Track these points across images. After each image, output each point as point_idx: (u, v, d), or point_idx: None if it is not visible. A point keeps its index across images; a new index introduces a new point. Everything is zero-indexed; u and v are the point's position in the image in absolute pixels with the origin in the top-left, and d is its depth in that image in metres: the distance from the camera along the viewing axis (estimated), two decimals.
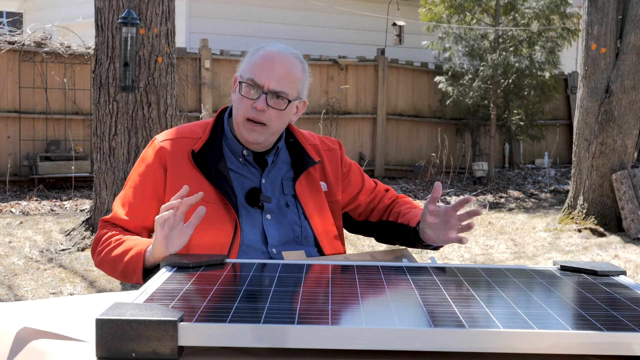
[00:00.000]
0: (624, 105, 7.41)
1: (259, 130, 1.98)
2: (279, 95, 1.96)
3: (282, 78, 1.96)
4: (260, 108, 1.95)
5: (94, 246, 2.00)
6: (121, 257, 1.89)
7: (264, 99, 1.95)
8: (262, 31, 11.16)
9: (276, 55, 1.98)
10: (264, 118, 1.96)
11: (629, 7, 7.45)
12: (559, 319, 1.25)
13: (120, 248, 1.91)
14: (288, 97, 1.97)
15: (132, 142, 5.94)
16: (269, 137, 2.01)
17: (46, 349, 1.28)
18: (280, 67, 1.97)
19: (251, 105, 1.96)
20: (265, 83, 1.95)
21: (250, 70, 1.98)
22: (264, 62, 1.97)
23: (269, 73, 1.95)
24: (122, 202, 2.02)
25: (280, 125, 2.01)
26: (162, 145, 2.02)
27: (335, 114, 10.88)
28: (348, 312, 1.28)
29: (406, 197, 2.27)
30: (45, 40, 9.32)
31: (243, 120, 1.98)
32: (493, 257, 6.48)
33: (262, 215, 2.00)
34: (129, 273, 1.87)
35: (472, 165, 11.23)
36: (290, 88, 1.98)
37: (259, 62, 1.97)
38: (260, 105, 1.95)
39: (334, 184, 2.15)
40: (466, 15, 10.74)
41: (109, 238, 1.96)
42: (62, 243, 6.29)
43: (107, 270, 1.98)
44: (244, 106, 1.97)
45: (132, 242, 1.90)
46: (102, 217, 2.04)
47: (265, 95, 1.95)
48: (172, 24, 6.04)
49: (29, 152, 9.23)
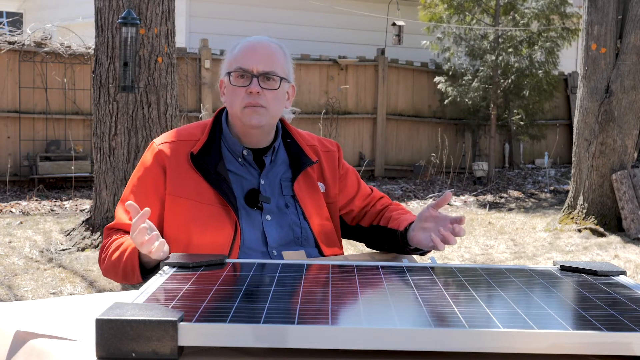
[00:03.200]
0: (624, 105, 7.41)
1: (261, 112, 1.99)
2: (269, 75, 1.99)
3: (268, 59, 2.00)
4: (255, 90, 1.97)
5: (99, 256, 2.01)
6: (119, 258, 1.89)
7: (256, 81, 1.97)
8: (262, 31, 11.15)
9: (256, 43, 2.02)
10: (262, 101, 1.98)
11: (629, 7, 7.45)
12: (559, 319, 1.25)
13: (118, 250, 1.91)
14: (278, 74, 2.00)
15: (132, 142, 5.94)
16: (269, 119, 2.02)
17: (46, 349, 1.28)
18: (263, 50, 2.01)
19: (245, 92, 1.98)
20: (254, 67, 1.98)
21: (235, 62, 2.00)
22: (247, 50, 2.01)
23: (254, 57, 1.99)
24: (124, 207, 2.01)
25: (278, 107, 2.03)
26: (160, 148, 2.02)
27: (335, 114, 10.88)
28: (348, 312, 1.28)
29: (400, 204, 2.26)
30: (45, 40, 9.32)
31: (241, 109, 1.99)
32: (493, 257, 6.48)
33: (262, 216, 2.00)
34: (128, 273, 1.87)
35: (472, 165, 11.23)
36: (277, 68, 2.01)
37: (242, 51, 2.01)
38: (255, 87, 1.97)
39: (332, 185, 2.15)
40: (466, 16, 10.74)
41: (110, 244, 1.96)
42: (62, 243, 6.29)
43: (112, 275, 1.98)
44: (239, 95, 1.99)
45: (127, 243, 1.90)
46: (106, 225, 2.04)
47: (256, 78, 1.98)
48: (172, 24, 6.04)
49: (29, 152, 9.23)
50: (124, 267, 1.88)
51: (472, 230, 7.66)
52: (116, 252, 1.91)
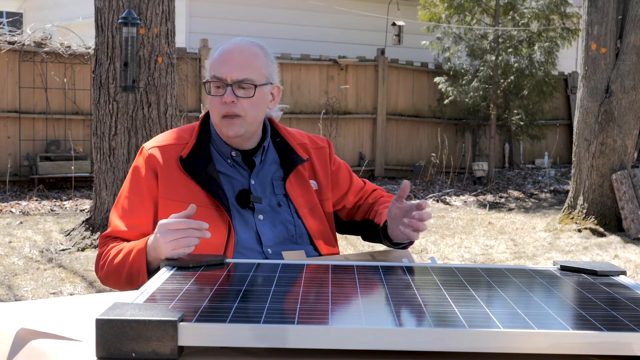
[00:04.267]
0: (624, 105, 7.41)
1: (237, 123, 1.97)
2: (243, 83, 1.96)
3: (243, 66, 1.97)
4: (229, 100, 1.95)
5: (96, 264, 1.99)
6: (123, 261, 1.88)
7: (230, 91, 1.96)
8: (262, 31, 11.16)
9: (233, 48, 2.00)
10: (237, 110, 1.96)
11: (629, 7, 7.45)
12: (559, 319, 1.25)
13: (120, 254, 1.90)
14: (254, 82, 1.97)
15: (132, 142, 5.94)
16: (248, 127, 2.00)
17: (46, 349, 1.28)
18: (239, 56, 1.98)
19: (220, 101, 1.97)
20: (227, 75, 1.96)
21: (211, 70, 1.99)
22: (222, 57, 1.98)
23: (228, 65, 1.96)
24: (119, 214, 2.00)
25: (256, 113, 2.00)
26: (150, 152, 2.02)
27: (335, 114, 10.88)
28: (348, 312, 1.28)
29: (392, 196, 2.26)
30: (45, 40, 9.32)
31: (219, 119, 1.99)
32: (493, 257, 6.48)
33: (255, 216, 2.01)
34: (134, 275, 1.85)
35: (472, 165, 11.23)
36: (254, 74, 1.98)
37: (218, 59, 1.99)
38: (228, 97, 1.95)
39: (324, 183, 2.15)
40: (466, 16, 10.74)
41: (108, 251, 1.95)
42: (62, 243, 6.29)
43: (112, 281, 1.95)
44: (216, 105, 1.98)
45: (130, 245, 1.90)
46: (102, 234, 2.02)
47: (230, 87, 1.96)
48: (172, 24, 6.04)
49: (29, 152, 9.23)
50: (129, 269, 1.86)
51: (472, 230, 7.66)
52: (118, 256, 1.90)
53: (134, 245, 1.88)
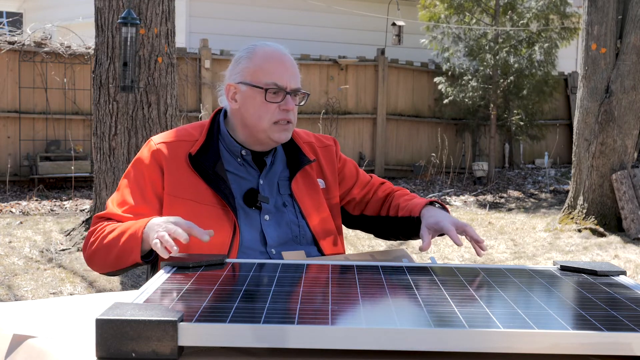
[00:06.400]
0: (624, 105, 7.41)
1: (289, 129, 2.04)
2: (299, 92, 2.03)
3: (296, 75, 2.04)
4: (291, 108, 2.00)
5: (85, 242, 1.95)
6: (118, 238, 1.84)
7: (290, 99, 2.00)
8: (262, 31, 11.16)
9: (283, 56, 2.03)
10: (292, 117, 2.02)
11: (629, 7, 7.45)
12: (559, 319, 1.25)
13: (115, 232, 1.86)
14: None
15: (132, 142, 5.94)
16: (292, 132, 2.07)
17: (46, 349, 1.28)
18: (292, 65, 2.04)
19: (276, 108, 1.99)
20: (287, 84, 2.00)
21: (266, 75, 1.99)
22: (278, 64, 2.01)
23: (286, 73, 2.01)
24: (118, 202, 1.98)
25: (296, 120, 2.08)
26: (158, 147, 2.01)
27: (335, 114, 10.88)
28: (348, 312, 1.28)
29: (402, 188, 2.28)
30: (45, 40, 9.32)
31: (270, 125, 2.00)
32: (493, 257, 6.48)
33: (261, 216, 2.00)
34: (125, 252, 1.81)
35: (472, 165, 11.23)
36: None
37: (271, 65, 2.00)
38: (291, 105, 2.00)
39: (332, 181, 2.16)
40: (466, 16, 10.74)
41: (102, 228, 1.92)
42: (62, 243, 6.29)
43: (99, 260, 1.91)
44: (269, 110, 1.99)
45: (127, 224, 1.86)
46: (95, 214, 2.00)
47: (289, 96, 2.00)
48: (172, 24, 6.04)
49: (29, 152, 9.23)
50: (122, 246, 1.82)
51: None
52: (112, 233, 1.86)
53: (131, 224, 1.84)
